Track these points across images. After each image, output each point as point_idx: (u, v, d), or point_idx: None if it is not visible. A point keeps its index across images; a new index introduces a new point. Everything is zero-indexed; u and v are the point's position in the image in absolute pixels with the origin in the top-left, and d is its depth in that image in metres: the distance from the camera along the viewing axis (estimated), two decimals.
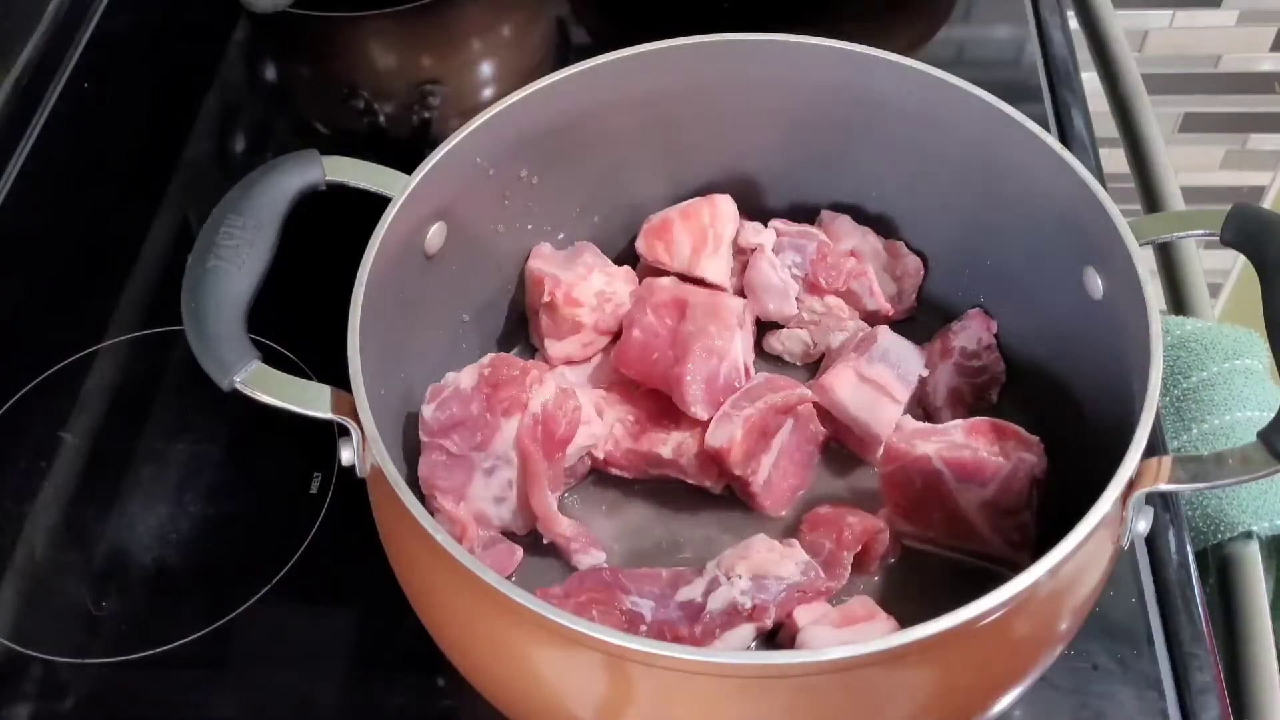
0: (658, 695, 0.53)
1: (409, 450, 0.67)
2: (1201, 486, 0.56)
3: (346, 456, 0.59)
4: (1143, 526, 0.57)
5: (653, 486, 0.72)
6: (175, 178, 0.94)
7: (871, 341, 0.72)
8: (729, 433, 0.68)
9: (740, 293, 0.77)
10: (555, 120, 0.71)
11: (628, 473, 0.72)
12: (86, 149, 0.97)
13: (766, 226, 0.76)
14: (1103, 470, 0.55)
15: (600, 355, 0.77)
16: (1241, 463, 0.55)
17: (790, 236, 0.76)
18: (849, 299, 0.76)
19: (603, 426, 0.71)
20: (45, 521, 0.74)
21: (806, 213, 0.79)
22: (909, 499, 0.67)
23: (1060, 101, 0.95)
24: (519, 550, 0.68)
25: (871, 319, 0.77)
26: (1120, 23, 1.10)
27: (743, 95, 0.74)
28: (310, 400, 0.58)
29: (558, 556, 0.69)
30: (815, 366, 0.78)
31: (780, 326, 0.78)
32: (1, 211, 0.92)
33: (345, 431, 0.58)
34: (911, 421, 0.69)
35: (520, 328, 0.77)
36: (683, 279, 0.75)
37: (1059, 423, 0.69)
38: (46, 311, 0.86)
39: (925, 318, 0.78)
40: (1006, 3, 1.04)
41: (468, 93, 1.02)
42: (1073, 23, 1.07)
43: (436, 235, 0.68)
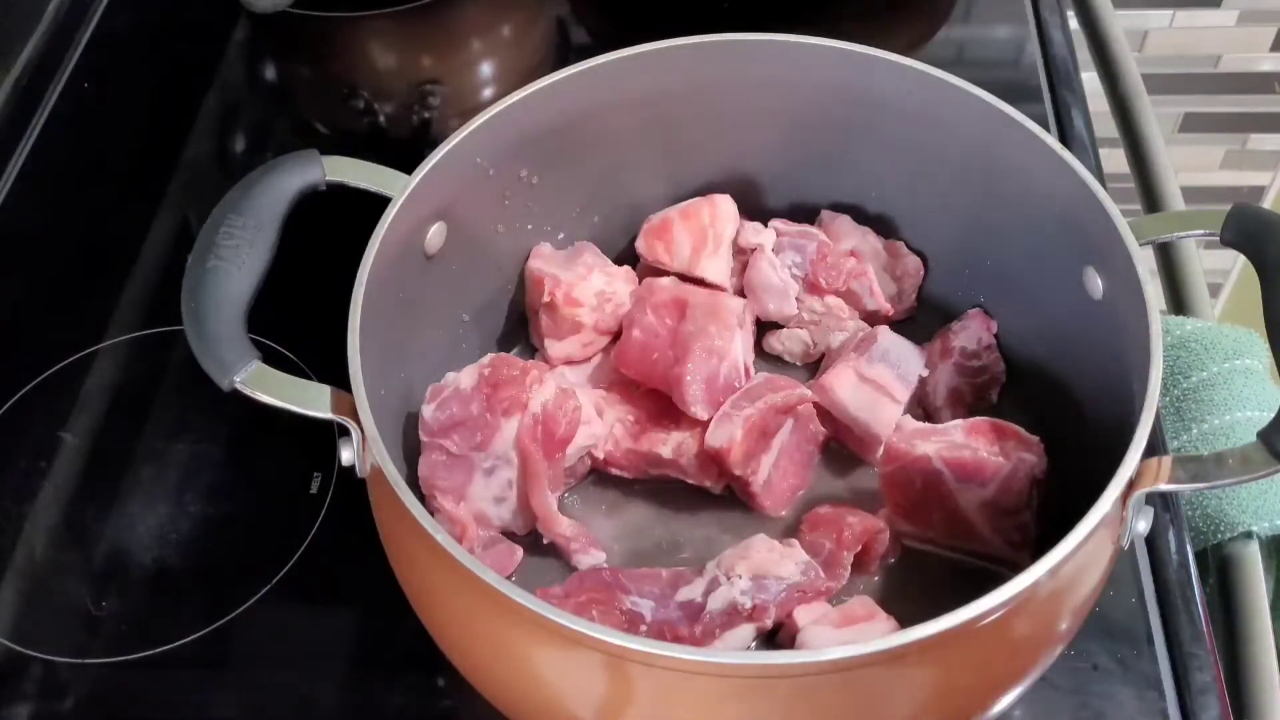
0: (658, 695, 0.53)
1: (409, 450, 0.67)
2: (1201, 486, 0.56)
3: (346, 456, 0.59)
4: (1143, 526, 0.57)
5: (653, 486, 0.72)
6: (175, 178, 0.94)
7: (871, 341, 0.72)
8: (729, 433, 0.68)
9: (740, 293, 0.77)
10: (555, 120, 0.71)
11: (628, 473, 0.72)
12: (86, 149, 0.97)
13: (766, 226, 0.76)
14: (1103, 470, 0.55)
15: (600, 355, 0.77)
16: (1241, 463, 0.55)
17: (790, 236, 0.76)
18: (849, 299, 0.76)
19: (603, 426, 0.71)
20: (45, 521, 0.74)
21: (806, 213, 0.79)
22: (909, 499, 0.67)
23: (1060, 101, 0.95)
24: (519, 550, 0.68)
25: (871, 319, 0.77)
26: (1120, 23, 1.10)
27: (743, 95, 0.74)
28: (310, 400, 0.58)
29: (558, 556, 0.69)
30: (815, 366, 0.78)
31: (780, 326, 0.77)
32: (1, 211, 0.92)
33: (345, 431, 0.58)
34: (911, 421, 0.69)
35: (520, 328, 0.77)
36: (683, 279, 0.75)
37: (1059, 423, 0.69)
38: (46, 311, 0.86)
39: (925, 318, 0.78)
40: (1006, 3, 1.04)
41: (468, 93, 1.02)
42: (1073, 23, 1.07)
43: (436, 235, 0.68)
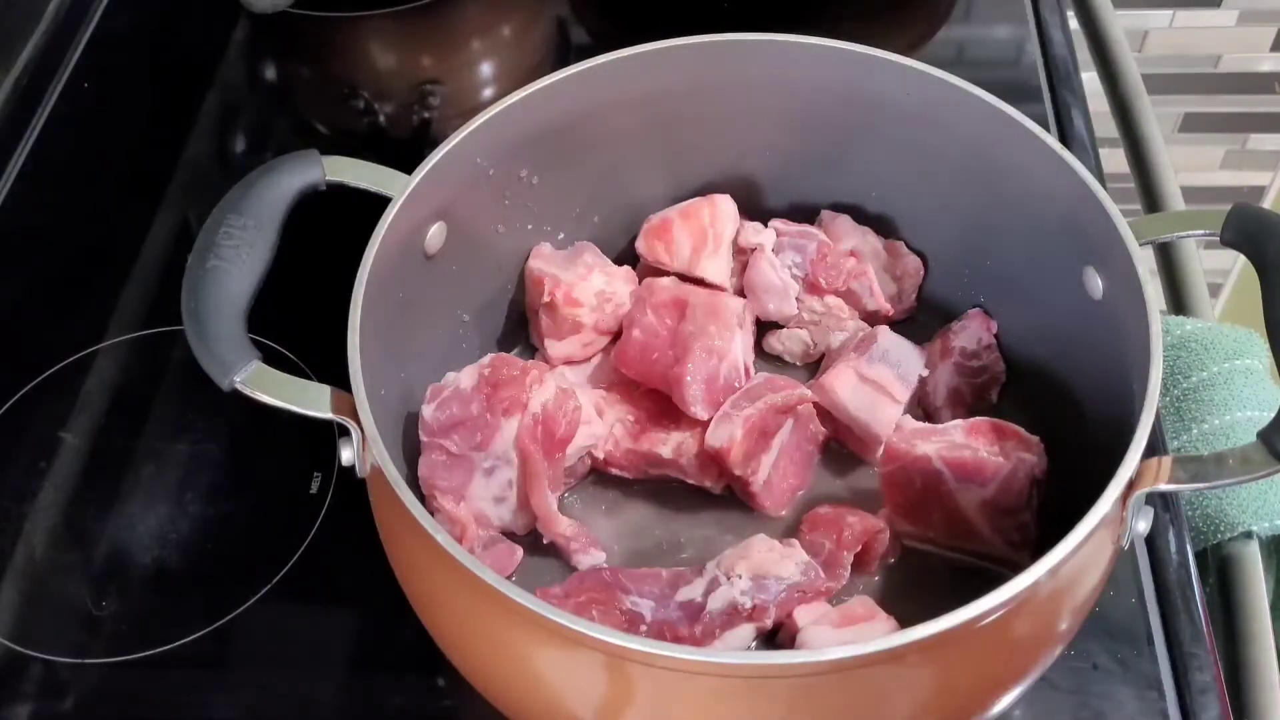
0: (658, 695, 0.53)
1: (409, 450, 0.67)
2: (1201, 486, 0.56)
3: (346, 456, 0.59)
4: (1143, 526, 0.57)
5: (653, 486, 0.72)
6: (175, 178, 0.94)
7: (871, 341, 0.72)
8: (729, 433, 0.68)
9: (740, 293, 0.77)
10: (555, 120, 0.71)
11: (628, 473, 0.72)
12: (86, 149, 0.97)
13: (766, 226, 0.76)
14: (1103, 470, 0.55)
15: (600, 355, 0.77)
16: (1241, 463, 0.55)
17: (790, 236, 0.76)
18: (849, 299, 0.76)
19: (603, 426, 0.71)
20: (45, 521, 0.74)
21: (806, 213, 0.79)
22: (909, 499, 0.67)
23: (1060, 101, 0.95)
24: (519, 550, 0.68)
25: (871, 319, 0.77)
26: (1120, 23, 1.10)
27: (743, 95, 0.74)
28: (310, 400, 0.58)
29: (558, 556, 0.69)
30: (815, 366, 0.78)
31: (780, 326, 0.77)
32: (1, 211, 0.92)
33: (345, 431, 0.58)
34: (911, 421, 0.69)
35: (520, 328, 0.77)
36: (683, 279, 0.75)
37: (1059, 423, 0.69)
38: (46, 311, 0.86)
39: (925, 318, 0.78)
40: (1006, 3, 1.04)
41: (468, 93, 1.02)
42: (1073, 23, 1.07)
43: (436, 235, 0.68)
